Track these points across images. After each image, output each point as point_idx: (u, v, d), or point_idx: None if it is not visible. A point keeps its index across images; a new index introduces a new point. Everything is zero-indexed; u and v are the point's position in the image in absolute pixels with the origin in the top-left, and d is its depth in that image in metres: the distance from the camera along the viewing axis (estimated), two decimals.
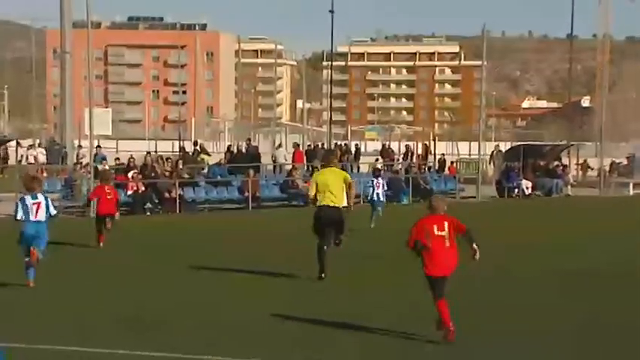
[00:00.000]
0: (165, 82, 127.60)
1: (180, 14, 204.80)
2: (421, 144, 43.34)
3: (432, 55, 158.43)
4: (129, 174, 25.37)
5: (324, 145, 40.41)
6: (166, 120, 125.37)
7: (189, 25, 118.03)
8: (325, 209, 12.17)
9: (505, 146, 43.36)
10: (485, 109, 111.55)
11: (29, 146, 37.82)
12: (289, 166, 32.46)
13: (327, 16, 50.99)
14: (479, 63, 49.96)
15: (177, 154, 36.77)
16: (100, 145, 30.81)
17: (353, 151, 43.43)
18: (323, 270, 12.35)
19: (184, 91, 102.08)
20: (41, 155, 33.63)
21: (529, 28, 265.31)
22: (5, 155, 40.13)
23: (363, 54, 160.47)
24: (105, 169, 23.83)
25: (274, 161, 34.82)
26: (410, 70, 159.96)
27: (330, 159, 12.94)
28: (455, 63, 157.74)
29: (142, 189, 24.89)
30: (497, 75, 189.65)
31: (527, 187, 32.48)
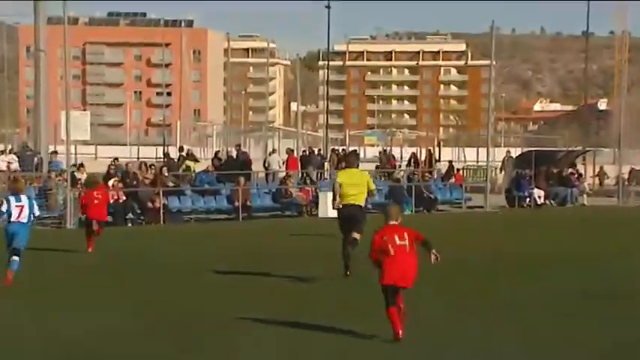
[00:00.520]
0: (149, 83, 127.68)
1: (165, 10, 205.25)
2: (424, 150, 43.34)
3: (436, 55, 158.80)
4: (109, 182, 25.33)
5: (320, 151, 40.46)
6: (149, 124, 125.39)
7: (174, 22, 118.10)
8: (348, 207, 13.47)
9: (515, 152, 43.42)
10: (494, 112, 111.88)
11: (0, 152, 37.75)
12: (282, 174, 32.46)
13: (323, 12, 51.17)
14: (487, 62, 50.07)
15: (162, 160, 36.75)
16: (57, 151, 30.67)
17: None
18: (348, 267, 13.41)
19: (169, 93, 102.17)
20: (14, 162, 33.55)
21: (541, 24, 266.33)
22: None
23: (362, 53, 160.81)
24: (91, 174, 24.18)
25: (266, 168, 34.81)
26: (412, 71, 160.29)
27: (352, 161, 14.37)
28: (461, 63, 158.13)
29: (123, 198, 24.87)
30: (506, 75, 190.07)
31: (539, 197, 32.51)
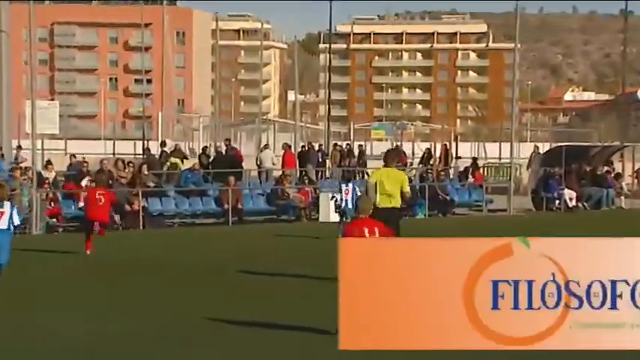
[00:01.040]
0: (126, 69, 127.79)
1: None
2: (440, 145, 43.36)
3: (452, 37, 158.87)
4: (82, 182, 25.34)
5: (320, 147, 40.46)
6: (127, 115, 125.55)
7: None
8: (381, 211, 14.16)
9: (543, 148, 43.43)
10: (519, 102, 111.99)
11: None
12: (278, 173, 32.49)
13: None
14: (511, 45, 50.03)
15: (141, 156, 36.78)
16: (21, 146, 30.73)
17: (356, 154, 43.49)
18: None
19: (149, 80, 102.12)
20: None
21: (573, 2, 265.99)
22: None
23: (368, 35, 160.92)
24: (100, 170, 24.64)
25: (259, 166, 34.84)
26: (426, 55, 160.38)
27: (390, 159, 15.36)
28: (481, 46, 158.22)
29: None
30: (533, 60, 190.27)
31: (570, 198, 32.51)
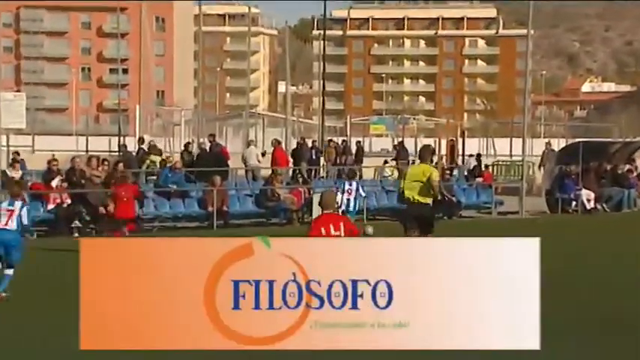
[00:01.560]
0: (100, 58, 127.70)
1: None
2: (445, 141, 43.54)
3: (459, 22, 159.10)
4: (53, 182, 25.37)
5: (314, 143, 40.55)
6: (101, 108, 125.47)
7: None
8: (410, 205, 15.81)
9: (559, 144, 43.58)
10: (532, 94, 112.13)
11: None
12: (268, 171, 32.55)
13: None
14: (523, 32, 50.02)
15: (117, 154, 36.82)
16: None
17: (354, 151, 43.60)
18: None
19: (125, 70, 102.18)
20: None
21: None
22: None
23: (366, 20, 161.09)
24: (121, 169, 25.18)
25: (245, 164, 34.93)
26: (430, 42, 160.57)
27: (424, 155, 16.51)
28: (491, 32, 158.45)
29: (68, 202, 24.91)
30: (547, 48, 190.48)
31: (588, 200, 32.62)
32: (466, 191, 32.56)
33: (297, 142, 40.56)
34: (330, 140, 44.49)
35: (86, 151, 42.70)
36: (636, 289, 16.04)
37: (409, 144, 52.89)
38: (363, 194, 23.65)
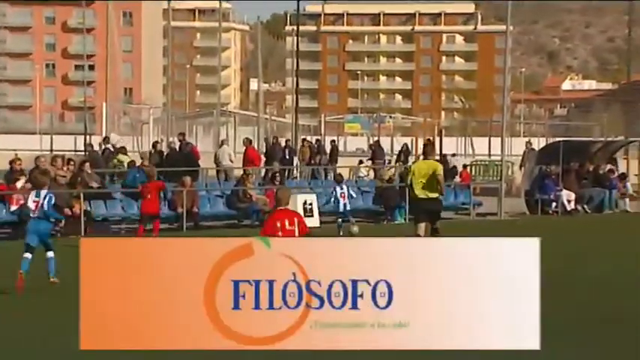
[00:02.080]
0: (65, 54, 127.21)
1: None
2: (422, 140, 43.60)
3: (437, 17, 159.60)
4: (18, 183, 25.22)
5: (287, 142, 40.55)
6: (66, 106, 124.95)
7: None
8: (419, 201, 17.56)
9: (539, 144, 43.75)
10: (511, 92, 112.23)
11: None
12: (239, 171, 32.50)
13: None
14: (502, 28, 50.26)
15: (83, 153, 36.71)
16: None
17: (328, 150, 43.63)
18: None
19: (92, 66, 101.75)
20: None
21: None
22: None
23: (341, 15, 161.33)
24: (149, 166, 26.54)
25: (218, 164, 34.87)
26: (406, 38, 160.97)
27: (429, 151, 18.61)
28: (469, 28, 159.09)
29: None
30: (527, 45, 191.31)
31: (568, 200, 32.77)
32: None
33: (272, 142, 40.52)
34: (304, 139, 44.49)
35: (51, 151, 42.52)
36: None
37: (385, 143, 53.04)
38: (354, 195, 25.31)
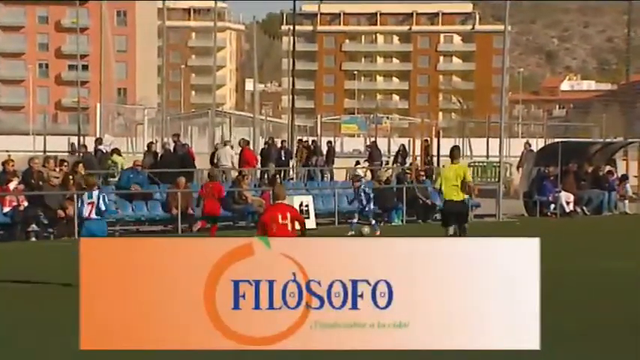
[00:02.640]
0: (58, 54, 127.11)
1: None
2: (420, 141, 43.57)
3: (434, 17, 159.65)
4: (10, 185, 25.19)
5: (283, 143, 40.53)
6: (60, 106, 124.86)
7: None
8: (448, 203, 18.97)
9: (537, 145, 43.75)
10: (509, 92, 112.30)
11: None
12: (235, 173, 32.47)
13: None
14: (500, 28, 50.18)
15: (76, 154, 36.65)
16: None
17: (325, 152, 43.59)
18: None
19: (85, 66, 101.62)
20: None
21: None
22: None
23: (337, 15, 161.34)
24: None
25: (216, 165, 34.80)
26: (404, 38, 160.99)
27: (456, 155, 19.48)
28: (467, 28, 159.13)
29: (25, 204, 24.77)
30: (525, 45, 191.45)
31: (567, 202, 32.77)
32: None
33: (265, 143, 40.49)
34: (300, 140, 44.48)
35: (44, 152, 42.48)
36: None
37: (382, 144, 52.98)
38: (371, 195, 25.66)
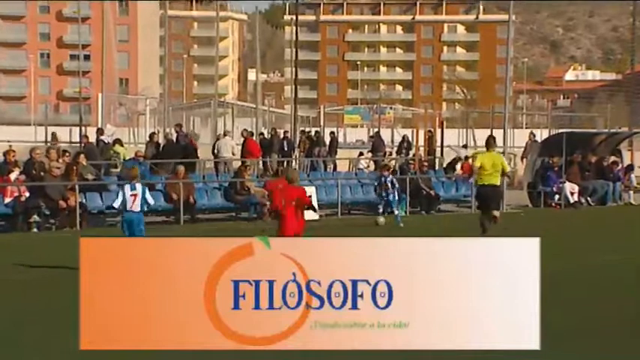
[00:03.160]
0: (60, 43, 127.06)
1: None
2: (423, 132, 43.60)
3: (438, 7, 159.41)
4: (11, 175, 25.21)
5: (286, 134, 40.53)
6: (61, 97, 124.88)
7: None
8: (485, 188, 19.87)
9: (541, 135, 43.75)
10: (514, 82, 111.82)
11: None
12: (237, 163, 32.46)
13: None
14: (504, 17, 50.06)
15: (78, 144, 36.66)
16: None
17: (327, 142, 43.62)
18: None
19: (87, 56, 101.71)
20: None
21: None
22: None
23: (340, 4, 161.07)
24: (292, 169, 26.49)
25: (217, 156, 34.82)
26: (407, 28, 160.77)
27: (492, 143, 20.47)
28: (471, 17, 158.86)
29: (26, 195, 24.79)
30: (530, 35, 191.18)
31: (571, 193, 32.78)
32: (445, 184, 32.56)
33: (269, 133, 40.50)
34: (303, 131, 44.54)
35: (45, 142, 42.49)
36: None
37: (385, 135, 53.00)
38: (396, 185, 25.77)
